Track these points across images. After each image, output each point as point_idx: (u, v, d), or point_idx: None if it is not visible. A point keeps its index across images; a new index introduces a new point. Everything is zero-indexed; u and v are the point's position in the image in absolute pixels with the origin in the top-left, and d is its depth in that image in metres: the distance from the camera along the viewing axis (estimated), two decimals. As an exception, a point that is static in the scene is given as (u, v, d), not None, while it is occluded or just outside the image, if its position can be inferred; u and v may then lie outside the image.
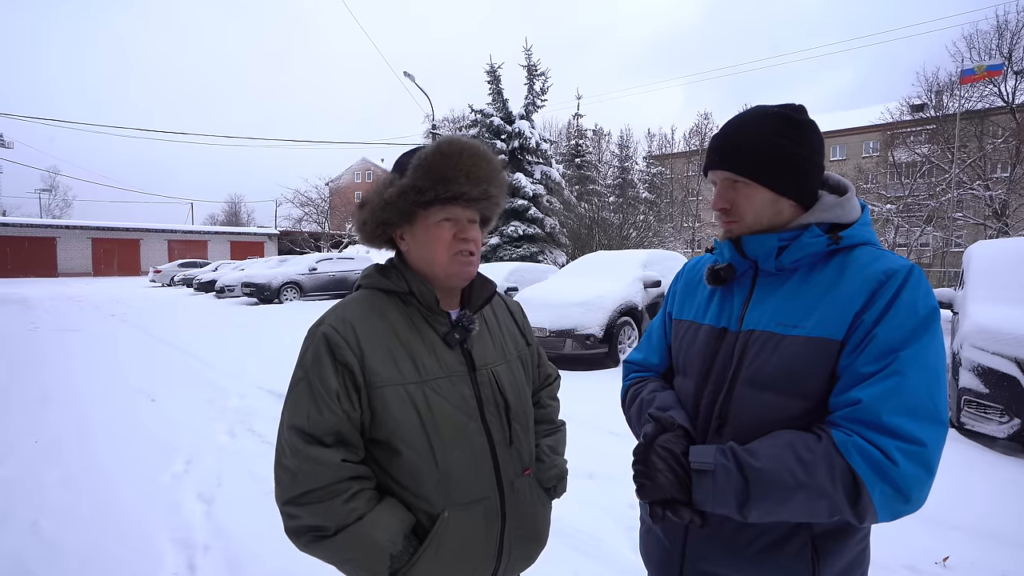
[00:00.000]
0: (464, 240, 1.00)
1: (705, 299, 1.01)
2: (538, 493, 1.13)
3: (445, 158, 0.95)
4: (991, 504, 2.86)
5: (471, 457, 0.98)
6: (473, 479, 0.98)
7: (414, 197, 0.96)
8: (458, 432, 0.97)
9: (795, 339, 0.83)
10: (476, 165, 0.97)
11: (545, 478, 1.16)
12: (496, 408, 1.03)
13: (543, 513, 1.15)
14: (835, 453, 0.75)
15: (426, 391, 0.95)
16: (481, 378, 1.02)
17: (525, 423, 1.11)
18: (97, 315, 12.48)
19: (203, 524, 2.66)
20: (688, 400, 0.97)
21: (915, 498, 0.74)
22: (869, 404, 0.75)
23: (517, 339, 1.18)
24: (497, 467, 1.01)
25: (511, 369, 1.10)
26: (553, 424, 1.26)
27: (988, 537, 2.52)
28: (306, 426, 0.90)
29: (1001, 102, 21.81)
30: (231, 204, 62.29)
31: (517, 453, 1.06)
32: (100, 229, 35.16)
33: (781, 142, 0.87)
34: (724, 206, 0.93)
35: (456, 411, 0.97)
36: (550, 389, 1.30)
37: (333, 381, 0.91)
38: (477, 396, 1.01)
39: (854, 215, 0.90)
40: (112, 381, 5.75)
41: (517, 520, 1.05)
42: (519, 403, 1.09)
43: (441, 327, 1.01)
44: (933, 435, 0.74)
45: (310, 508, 0.87)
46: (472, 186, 0.96)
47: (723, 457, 0.80)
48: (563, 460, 1.23)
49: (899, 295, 0.79)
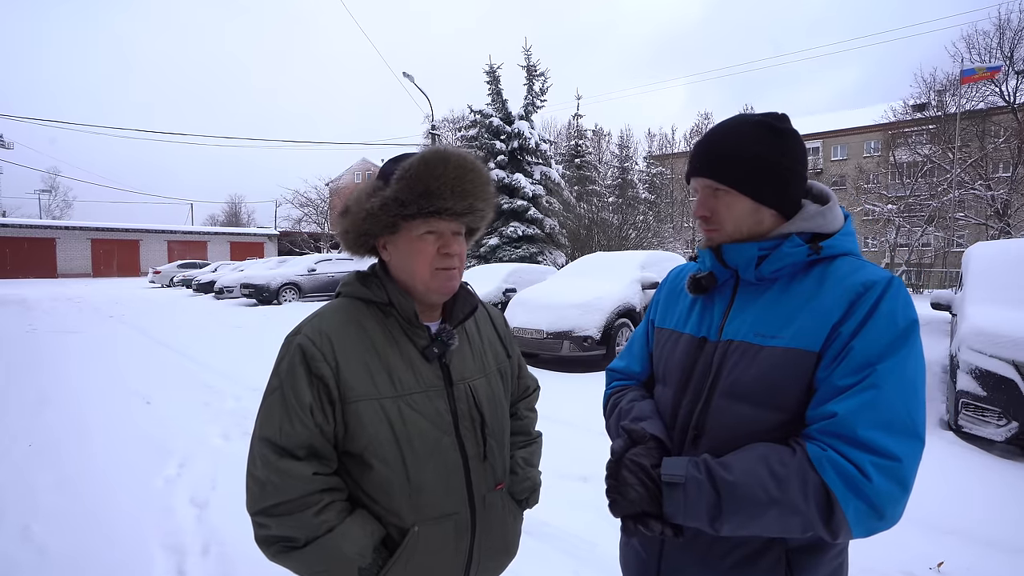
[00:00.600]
0: (447, 255, 0.98)
1: (687, 308, 1.00)
2: (510, 506, 1.13)
3: (430, 170, 0.93)
4: (988, 509, 2.84)
5: (443, 472, 0.98)
6: (444, 494, 0.98)
7: (396, 210, 0.94)
8: (431, 447, 0.96)
9: (772, 350, 0.82)
10: (461, 178, 0.94)
11: (518, 490, 1.15)
12: (471, 423, 1.02)
13: (513, 525, 1.15)
14: (809, 468, 0.73)
15: (401, 406, 0.94)
16: (458, 393, 1.01)
17: (500, 438, 1.10)
18: (96, 316, 12.48)
19: (195, 528, 2.65)
20: (666, 410, 0.96)
21: (889, 515, 0.72)
22: (844, 417, 0.73)
23: (498, 351, 1.17)
24: (469, 482, 1.01)
25: (489, 383, 1.09)
26: (529, 436, 1.26)
27: (984, 543, 2.50)
28: (277, 438, 0.89)
29: (1002, 102, 21.77)
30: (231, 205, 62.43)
31: (491, 468, 1.06)
32: (100, 230, 35.20)
33: (762, 151, 0.86)
34: (704, 214, 0.92)
35: (430, 426, 0.97)
36: (528, 400, 1.29)
37: (307, 394, 0.90)
38: (453, 411, 1.00)
39: (836, 224, 0.89)
40: (109, 383, 5.75)
41: (487, 533, 1.05)
42: (495, 418, 1.08)
43: (420, 340, 1.00)
44: (909, 450, 0.73)
45: (280, 520, 0.87)
46: (457, 200, 0.94)
47: (695, 469, 0.79)
48: (537, 472, 1.23)
49: (878, 307, 0.78)
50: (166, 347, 8.20)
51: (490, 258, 16.23)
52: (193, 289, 20.71)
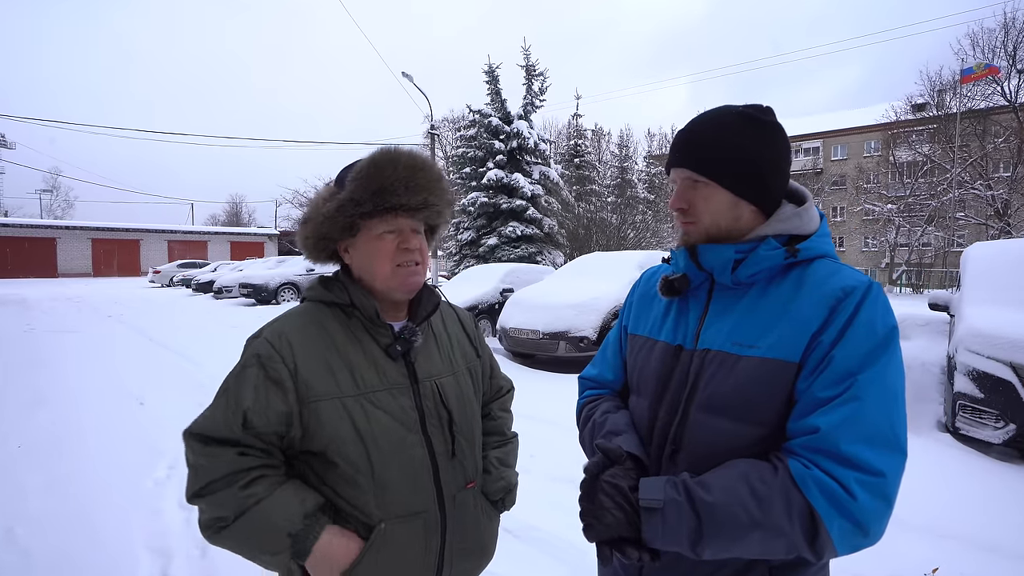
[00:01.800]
0: (407, 250, 1.00)
1: (661, 313, 0.96)
2: (483, 506, 1.12)
3: (380, 169, 0.96)
4: (985, 513, 2.81)
5: (410, 470, 0.97)
6: (411, 492, 0.97)
7: (352, 209, 0.96)
8: (396, 444, 0.96)
9: (750, 360, 0.79)
10: (412, 175, 0.97)
11: (491, 490, 1.14)
12: (439, 420, 1.02)
13: (489, 526, 1.14)
14: (792, 487, 0.70)
15: (364, 404, 0.95)
16: (424, 390, 1.02)
17: (470, 436, 1.10)
18: (94, 316, 12.47)
19: (182, 532, 2.62)
20: (642, 423, 0.92)
21: (874, 531, 0.70)
22: (827, 432, 0.70)
23: (467, 350, 1.17)
24: (438, 480, 1.01)
25: (458, 381, 1.10)
26: (504, 436, 1.25)
27: (981, 547, 2.46)
28: (208, 430, 0.91)
29: (1004, 101, 21.70)
30: (232, 204, 62.51)
31: (460, 466, 1.05)
32: (100, 230, 35.22)
33: (744, 143, 0.83)
34: (682, 206, 0.88)
35: (395, 423, 0.97)
36: (502, 401, 1.29)
37: (247, 398, 0.90)
38: (419, 408, 1.00)
39: (812, 226, 0.86)
40: (104, 383, 5.73)
41: (459, 533, 1.04)
42: (464, 416, 1.08)
43: (383, 339, 1.01)
44: (892, 464, 0.70)
45: (210, 499, 0.88)
46: (411, 195, 0.97)
47: (674, 491, 0.75)
48: (512, 473, 1.22)
49: (857, 314, 0.75)
50: (163, 347, 8.18)
51: (488, 258, 16.20)
52: (192, 289, 20.71)
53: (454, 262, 17.85)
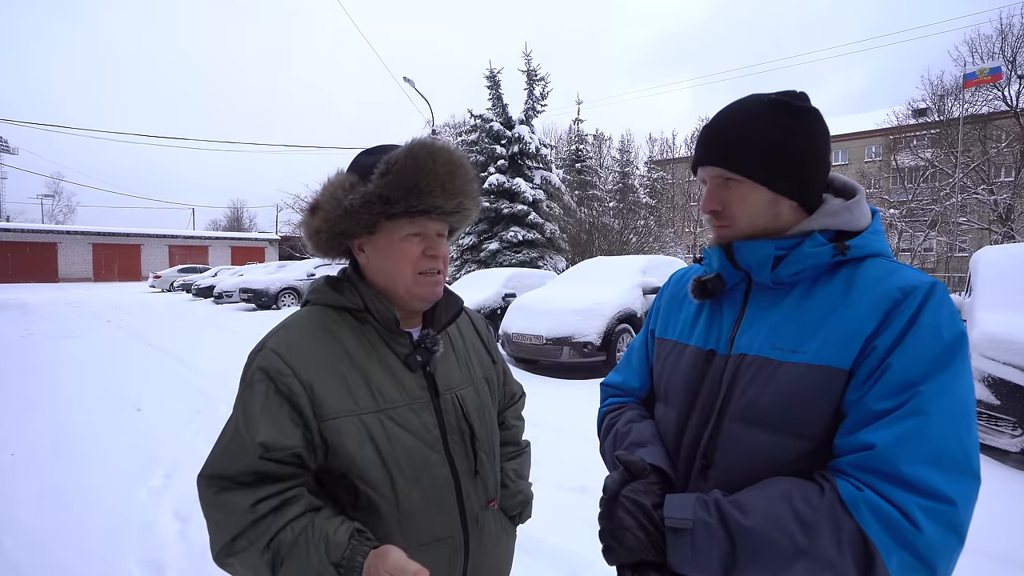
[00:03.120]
0: (432, 257, 0.90)
1: (691, 316, 0.89)
2: (503, 523, 1.06)
3: (418, 164, 0.84)
4: (1002, 524, 2.71)
5: (433, 493, 0.89)
6: (436, 517, 0.89)
7: (380, 208, 0.85)
8: (420, 465, 0.87)
9: (794, 367, 0.71)
10: (452, 174, 0.86)
11: (510, 505, 1.09)
12: (461, 437, 0.94)
13: (507, 543, 1.08)
14: (842, 511, 0.62)
15: (384, 421, 0.85)
16: (445, 404, 0.93)
17: (491, 451, 1.03)
18: (94, 321, 12.40)
19: (176, 545, 2.54)
20: (669, 434, 0.84)
21: (941, 569, 0.60)
22: (885, 450, 0.62)
23: (483, 357, 1.09)
24: (461, 501, 0.93)
25: (477, 392, 1.01)
26: (518, 446, 1.19)
27: (999, 559, 2.37)
28: (224, 470, 0.80)
29: (1005, 106, 21.71)
30: (233, 210, 62.49)
31: (482, 483, 0.98)
32: (101, 235, 35.24)
33: (778, 133, 0.75)
34: (715, 208, 0.80)
35: (417, 442, 0.88)
36: (515, 408, 1.22)
37: (259, 422, 0.79)
38: (440, 424, 0.91)
39: (863, 222, 0.78)
40: (101, 389, 5.64)
41: (481, 555, 0.98)
42: (485, 429, 1.00)
43: (401, 348, 0.91)
44: (964, 490, 0.61)
45: (241, 558, 0.78)
46: (447, 199, 0.87)
47: (704, 511, 0.68)
48: (528, 484, 1.16)
49: (919, 317, 0.66)
50: (162, 352, 8.10)
51: (490, 263, 16.14)
52: (193, 294, 20.65)
53: (455, 267, 17.80)
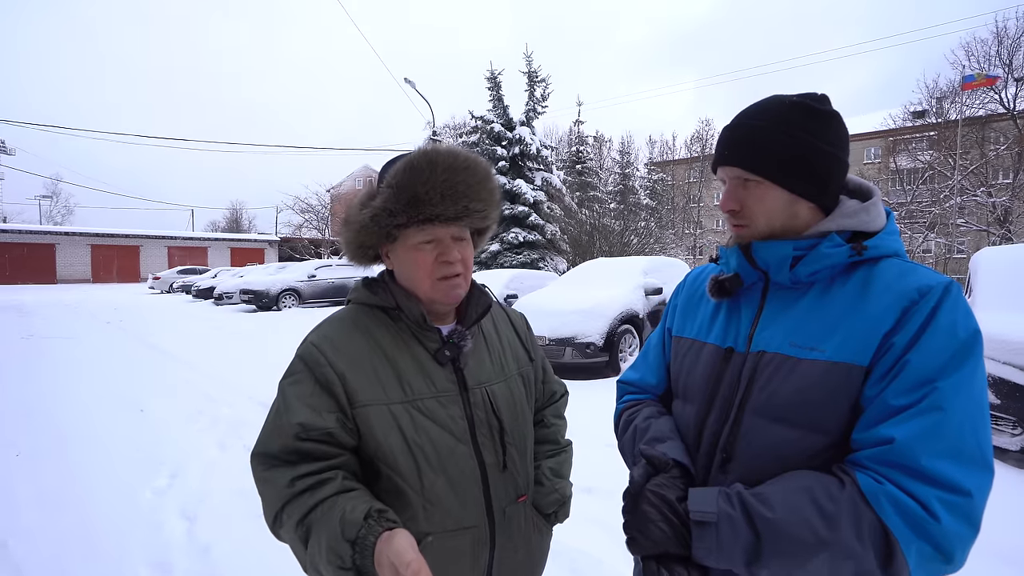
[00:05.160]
0: (446, 263, 0.92)
1: (709, 315, 0.90)
2: (535, 520, 1.06)
3: (416, 175, 0.88)
4: (1004, 521, 2.72)
5: (459, 483, 0.92)
6: (460, 506, 0.92)
7: (387, 220, 0.90)
8: (446, 456, 0.91)
9: (813, 364, 0.73)
10: (451, 180, 0.89)
11: (544, 503, 1.08)
12: (489, 430, 0.97)
13: (539, 541, 1.08)
14: (862, 504, 0.64)
15: (412, 411, 0.90)
16: (474, 398, 0.96)
17: (523, 446, 1.04)
18: (93, 322, 12.40)
19: (183, 544, 2.54)
20: (688, 429, 0.86)
21: (958, 559, 0.63)
22: (904, 444, 0.64)
23: (519, 353, 1.11)
24: (488, 494, 0.95)
25: (510, 387, 1.03)
26: (558, 445, 1.17)
27: (1001, 557, 2.39)
28: (268, 447, 0.87)
29: (1002, 109, 21.82)
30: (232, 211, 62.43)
31: (512, 478, 0.99)
32: (99, 236, 35.17)
33: (799, 135, 0.77)
34: (733, 207, 0.82)
35: (444, 433, 0.92)
36: (555, 407, 1.22)
37: (298, 406, 0.86)
38: (469, 417, 0.95)
39: (879, 223, 0.80)
40: (102, 391, 5.65)
41: (509, 549, 0.99)
42: (516, 425, 1.02)
43: (431, 344, 0.95)
44: (980, 483, 0.63)
45: (285, 530, 0.84)
46: (448, 205, 0.89)
47: (728, 505, 0.69)
48: (566, 484, 1.14)
49: (935, 316, 0.68)
50: (162, 353, 8.10)
51: (491, 264, 16.17)
52: (192, 295, 20.63)
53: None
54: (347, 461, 0.88)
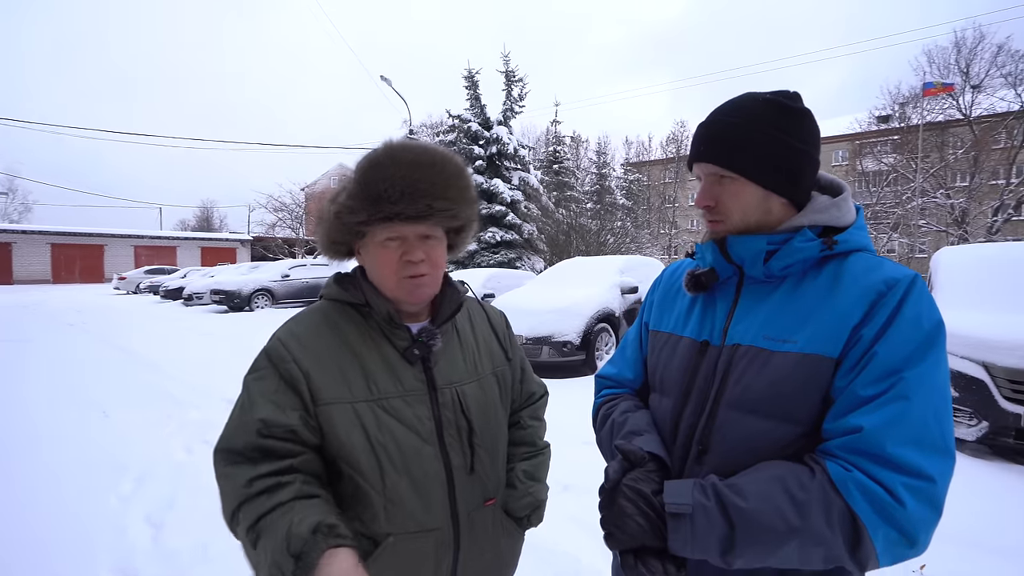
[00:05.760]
0: (410, 263, 0.90)
1: (685, 309, 0.91)
2: (504, 524, 1.04)
3: (377, 171, 0.87)
4: (965, 510, 2.85)
5: (423, 485, 0.91)
6: (423, 508, 0.91)
7: (348, 217, 0.90)
8: (410, 457, 0.90)
9: (786, 356, 0.74)
10: (411, 177, 0.86)
11: (516, 506, 1.06)
12: (458, 431, 0.95)
13: (509, 545, 1.06)
14: (831, 491, 0.66)
15: (376, 410, 0.89)
16: (443, 398, 0.95)
17: (493, 448, 1.02)
18: (53, 324, 11.90)
19: (149, 551, 2.46)
20: (665, 422, 0.87)
21: (922, 542, 0.65)
22: (872, 432, 0.65)
23: (495, 353, 1.09)
24: (453, 496, 0.93)
25: (482, 387, 1.02)
26: (534, 447, 1.15)
27: (965, 543, 2.49)
28: (230, 443, 0.86)
29: (960, 115, 22.79)
30: (203, 209, 60.77)
31: (480, 481, 0.98)
32: (60, 234, 33.77)
33: (773, 132, 0.78)
34: (708, 203, 0.83)
35: (409, 433, 0.90)
36: (533, 408, 1.19)
37: (262, 402, 0.86)
38: (436, 418, 0.93)
39: (849, 218, 0.82)
40: (63, 394, 5.42)
41: (475, 552, 0.97)
42: (487, 426, 1.00)
43: (401, 342, 0.94)
44: (942, 468, 0.66)
45: (239, 528, 0.82)
46: (408, 203, 0.86)
47: (703, 496, 0.70)
48: (541, 487, 1.12)
49: (901, 308, 0.70)
50: (128, 356, 7.82)
51: (468, 263, 16.12)
52: (161, 296, 20.00)
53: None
54: (310, 459, 0.87)
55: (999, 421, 3.53)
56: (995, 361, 3.60)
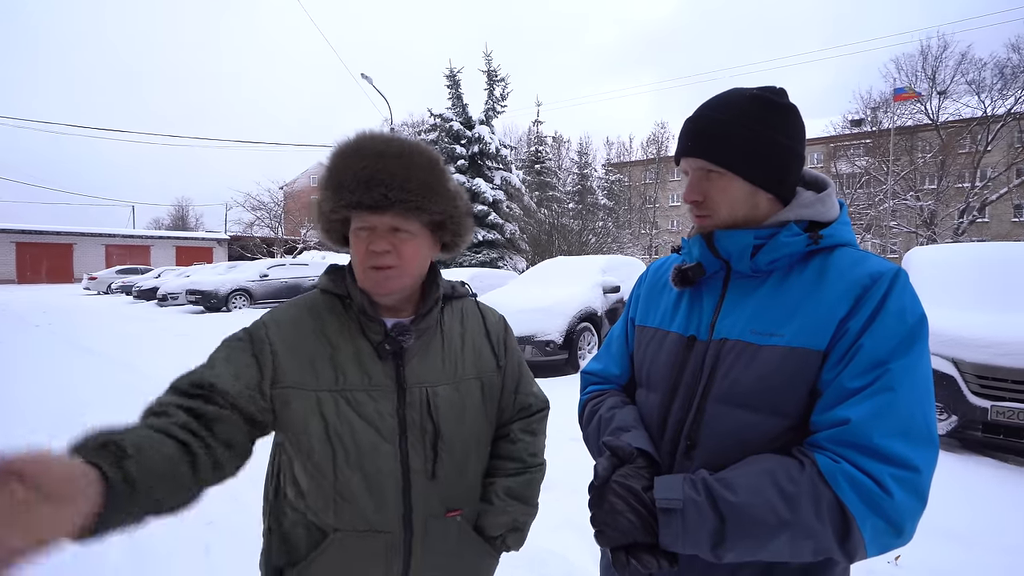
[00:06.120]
0: (373, 253, 0.89)
1: (672, 304, 0.92)
2: (471, 540, 0.99)
3: (341, 159, 0.89)
4: (936, 501, 2.92)
5: (377, 483, 0.89)
6: (375, 508, 0.89)
7: (322, 206, 0.92)
8: (366, 452, 0.88)
9: (773, 349, 0.75)
10: (372, 167, 0.85)
11: (489, 523, 1.00)
12: (422, 434, 0.92)
13: (475, 563, 1.01)
14: (821, 484, 0.66)
15: (339, 401, 0.88)
16: (411, 398, 0.92)
17: (462, 457, 0.97)
18: (20, 325, 11.47)
19: (126, 558, 2.38)
20: (653, 417, 0.87)
21: (908, 531, 0.66)
22: (859, 424, 0.66)
23: (484, 358, 1.04)
24: (408, 501, 0.90)
25: (459, 391, 0.98)
26: (521, 463, 1.06)
27: (937, 534, 2.57)
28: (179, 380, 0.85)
29: (928, 120, 23.57)
30: (178, 208, 59.26)
31: (442, 489, 0.94)
32: (25, 232, 32.61)
33: (760, 128, 0.79)
34: (696, 198, 0.83)
35: (368, 429, 0.89)
36: (526, 422, 1.11)
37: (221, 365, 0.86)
38: (400, 416, 0.91)
39: (833, 213, 0.83)
40: (32, 400, 5.22)
41: (430, 564, 0.93)
42: (458, 432, 0.96)
43: (375, 336, 0.93)
44: (927, 458, 0.67)
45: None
46: (364, 192, 0.85)
47: (693, 491, 0.70)
48: (523, 508, 1.05)
49: (886, 301, 0.72)
50: (101, 358, 7.58)
51: (450, 263, 16.07)
52: (134, 296, 19.47)
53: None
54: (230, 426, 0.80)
55: (968, 415, 3.65)
56: (964, 357, 3.72)
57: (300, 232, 33.29)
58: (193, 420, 0.77)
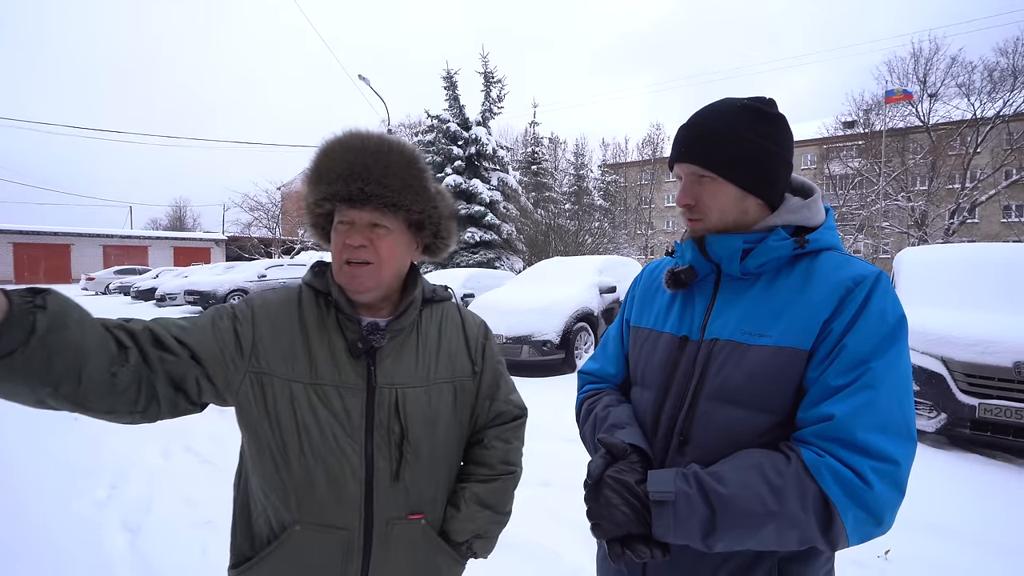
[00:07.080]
0: (348, 246, 0.90)
1: (665, 305, 0.96)
2: (435, 545, 0.98)
3: (324, 154, 0.92)
4: (925, 497, 2.99)
5: (338, 479, 0.89)
6: (334, 504, 0.89)
7: (307, 199, 0.95)
8: (330, 447, 0.89)
9: (762, 349, 0.79)
10: (350, 160, 0.88)
11: (454, 529, 0.99)
12: (388, 434, 0.92)
13: (440, 569, 1.00)
14: (806, 476, 0.70)
15: (310, 394, 0.90)
16: (380, 398, 0.92)
17: (429, 460, 0.96)
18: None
19: (126, 557, 2.41)
20: (646, 415, 0.91)
21: (887, 521, 0.70)
22: (842, 420, 0.70)
23: (460, 362, 1.03)
24: (369, 500, 0.90)
25: (429, 394, 0.97)
26: (492, 470, 1.04)
27: (925, 529, 2.62)
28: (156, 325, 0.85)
29: (919, 122, 23.75)
30: (176, 208, 58.97)
31: (406, 491, 0.93)
32: (24, 233, 32.41)
33: (750, 136, 0.83)
34: (688, 202, 0.87)
35: (335, 424, 0.90)
36: (500, 429, 1.09)
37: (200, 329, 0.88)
38: (368, 416, 0.91)
39: (820, 218, 0.87)
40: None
41: (390, 567, 0.93)
42: (426, 435, 0.95)
43: (350, 333, 0.94)
44: (905, 452, 0.71)
45: None
46: (342, 184, 0.88)
47: (685, 483, 0.74)
48: (492, 516, 1.03)
49: (868, 303, 0.76)
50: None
51: (447, 263, 16.10)
52: (132, 297, 19.42)
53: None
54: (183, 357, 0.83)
55: (956, 413, 3.71)
56: (953, 356, 3.78)
57: (298, 232, 33.15)
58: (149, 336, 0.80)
